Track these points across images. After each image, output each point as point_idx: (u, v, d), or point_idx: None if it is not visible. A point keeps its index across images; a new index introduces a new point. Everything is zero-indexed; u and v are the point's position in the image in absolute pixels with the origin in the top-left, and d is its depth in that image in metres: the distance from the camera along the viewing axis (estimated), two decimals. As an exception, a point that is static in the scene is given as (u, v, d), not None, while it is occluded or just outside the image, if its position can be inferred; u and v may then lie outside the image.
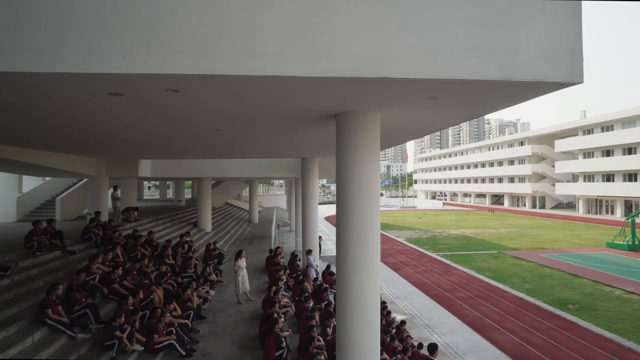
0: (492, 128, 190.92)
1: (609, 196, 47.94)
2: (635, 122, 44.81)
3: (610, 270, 19.88)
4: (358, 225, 6.04)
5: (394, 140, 10.74)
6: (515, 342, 11.46)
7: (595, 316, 13.55)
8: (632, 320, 13.10)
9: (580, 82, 4.51)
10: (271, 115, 6.32)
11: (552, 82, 4.45)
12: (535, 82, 4.42)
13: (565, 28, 4.35)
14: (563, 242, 29.24)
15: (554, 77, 4.41)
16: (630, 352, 10.74)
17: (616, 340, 11.51)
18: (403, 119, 6.86)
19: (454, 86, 4.55)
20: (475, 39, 4.18)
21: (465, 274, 19.85)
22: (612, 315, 13.56)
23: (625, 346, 11.11)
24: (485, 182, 73.49)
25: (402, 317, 13.59)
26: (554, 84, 4.51)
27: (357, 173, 6.06)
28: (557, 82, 4.45)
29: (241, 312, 9.56)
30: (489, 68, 4.25)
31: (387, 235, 34.82)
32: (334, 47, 3.98)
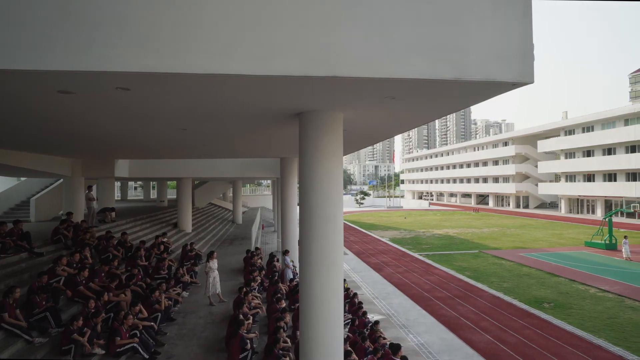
0: (478, 128, 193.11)
1: (590, 196, 48.84)
2: (614, 123, 45.74)
3: (586, 269, 20.22)
4: (320, 226, 6.00)
5: (365, 141, 10.76)
6: (489, 341, 11.57)
7: (569, 314, 13.76)
8: (603, 318, 13.33)
9: (531, 82, 4.54)
10: (234, 115, 6.25)
11: (504, 82, 4.48)
12: (487, 82, 4.44)
13: (516, 28, 4.37)
14: (543, 242, 29.67)
15: (505, 77, 4.42)
16: (599, 350, 10.92)
17: (587, 338, 11.69)
18: (367, 119, 6.85)
19: (406, 86, 4.54)
20: (426, 38, 4.17)
21: (446, 273, 19.99)
22: (585, 314, 13.78)
23: (595, 344, 11.29)
24: (471, 182, 74.30)
25: (379, 317, 13.62)
26: (506, 84, 4.53)
27: (320, 173, 6.02)
28: (509, 82, 4.48)
29: (212, 314, 9.44)
30: (440, 67, 4.24)
31: (371, 236, 34.93)
32: (283, 46, 3.93)
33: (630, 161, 42.43)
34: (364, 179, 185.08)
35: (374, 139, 10.11)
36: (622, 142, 43.88)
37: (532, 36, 4.48)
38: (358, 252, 26.68)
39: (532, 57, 4.51)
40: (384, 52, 4.09)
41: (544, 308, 14.47)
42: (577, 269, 20.38)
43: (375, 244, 30.35)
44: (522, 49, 4.39)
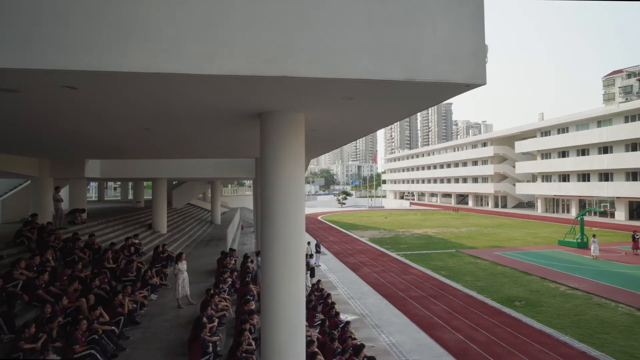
0: (459, 129, 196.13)
1: (565, 196, 50.10)
2: (587, 125, 47.05)
3: (558, 267, 20.71)
4: (281, 227, 5.94)
5: (336, 142, 10.76)
6: (459, 340, 11.70)
7: (539, 312, 14.04)
8: (571, 315, 13.65)
9: (483, 84, 4.57)
10: (194, 114, 6.13)
11: (457, 84, 4.50)
12: (441, 83, 4.46)
13: (468, 30, 4.39)
14: (519, 241, 30.28)
15: (458, 79, 4.44)
16: (565, 347, 11.16)
17: (554, 335, 11.94)
18: (332, 120, 6.83)
19: (360, 86, 4.52)
20: (378, 38, 4.15)
21: (422, 273, 20.19)
22: (554, 311, 14.08)
23: (561, 341, 11.54)
24: (451, 182, 75.37)
25: (353, 317, 13.63)
26: (459, 85, 4.55)
27: (280, 174, 5.96)
28: (462, 83, 4.50)
29: (179, 317, 9.27)
30: (392, 68, 4.23)
31: (351, 236, 35.05)
32: (231, 45, 3.85)
33: (603, 162, 43.71)
34: (347, 179, 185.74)
35: (344, 139, 10.11)
36: (595, 143, 45.16)
37: (484, 37, 4.51)
38: (337, 252, 26.72)
39: (485, 58, 4.55)
40: (335, 52, 4.06)
41: (515, 306, 14.73)
42: (550, 267, 20.85)
43: (355, 243, 30.45)
44: (474, 50, 4.41)
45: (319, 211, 65.50)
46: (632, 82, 70.30)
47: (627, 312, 13.73)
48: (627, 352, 10.66)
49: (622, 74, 74.82)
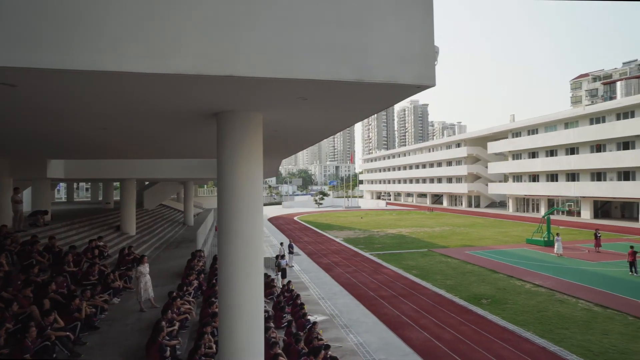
0: (435, 130, 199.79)
1: (534, 195, 51.70)
2: (556, 127, 48.70)
3: (525, 265, 21.33)
4: (238, 229, 5.87)
5: (302, 143, 10.73)
6: (426, 338, 11.88)
7: (504, 309, 14.41)
8: (534, 312, 14.07)
9: (432, 85, 4.63)
10: (151, 114, 5.99)
11: (407, 85, 4.55)
12: (391, 84, 4.49)
13: (418, 31, 4.43)
14: (489, 240, 31.03)
15: (408, 80, 4.49)
16: (527, 343, 11.49)
17: (517, 332, 12.28)
18: (291, 120, 6.80)
19: (311, 87, 4.51)
20: (328, 38, 4.14)
21: (394, 272, 20.42)
22: (518, 308, 14.49)
23: (523, 337, 11.88)
24: (426, 182, 76.60)
25: (322, 317, 13.66)
26: (409, 86, 4.61)
27: (237, 175, 5.89)
28: (412, 84, 4.56)
29: (140, 321, 9.05)
30: (342, 68, 4.24)
31: (326, 236, 35.13)
32: (177, 43, 3.77)
33: (570, 162, 45.35)
34: (325, 179, 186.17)
35: (311, 139, 10.08)
36: (563, 145, 46.80)
37: (433, 39, 4.58)
38: (310, 252, 26.72)
39: (434, 60, 4.62)
40: (284, 52, 4.03)
41: (481, 304, 15.08)
42: (517, 265, 21.44)
43: (329, 244, 30.53)
44: (423, 52, 4.46)
45: (296, 211, 65.39)
46: (597, 86, 73.24)
47: (586, 308, 14.27)
48: (584, 346, 11.08)
49: (589, 77, 77.84)
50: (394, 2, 4.39)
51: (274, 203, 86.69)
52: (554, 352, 10.79)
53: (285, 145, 11.52)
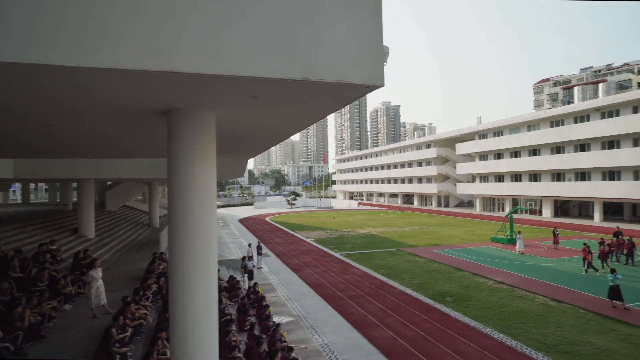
0: (407, 131, 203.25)
1: (500, 195, 53.40)
2: (519, 129, 50.47)
3: (488, 263, 21.93)
4: (189, 231, 5.68)
5: (265, 142, 10.57)
6: (390, 337, 11.97)
7: (467, 306, 14.72)
8: (495, 308, 14.45)
9: (381, 85, 4.61)
10: (96, 111, 5.70)
11: (356, 85, 4.51)
12: (340, 84, 4.44)
13: (367, 30, 4.39)
14: (456, 238, 31.76)
15: (357, 79, 4.44)
16: (487, 338, 11.77)
17: (478, 328, 12.56)
18: (247, 119, 6.65)
19: (261, 85, 4.39)
20: (276, 35, 4.03)
21: (362, 272, 20.52)
22: (480, 305, 14.84)
23: (484, 333, 12.17)
24: (398, 182, 77.76)
25: (289, 319, 13.54)
26: (359, 86, 4.57)
27: (188, 176, 5.69)
28: (361, 84, 4.52)
29: (92, 328, 8.64)
30: (290, 67, 4.14)
31: (296, 236, 34.98)
32: (113, 36, 3.55)
33: (532, 163, 47.12)
34: (298, 179, 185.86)
35: (273, 139, 9.93)
36: (526, 146, 48.58)
37: (382, 38, 4.56)
38: (280, 253, 26.52)
39: (383, 60, 4.60)
40: (229, 48, 3.89)
41: (445, 302, 15.35)
42: (481, 263, 22.02)
43: (300, 244, 30.41)
44: (372, 51, 4.44)
45: (268, 212, 64.87)
46: (558, 90, 76.51)
47: (542, 303, 14.79)
48: (538, 339, 11.46)
49: (550, 82, 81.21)
50: (342, 2, 4.35)
51: (246, 204, 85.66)
52: (511, 346, 11.10)
53: (247, 145, 11.31)
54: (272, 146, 11.61)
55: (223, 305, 11.32)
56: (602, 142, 40.17)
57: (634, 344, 11.13)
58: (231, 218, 54.08)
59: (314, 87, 4.51)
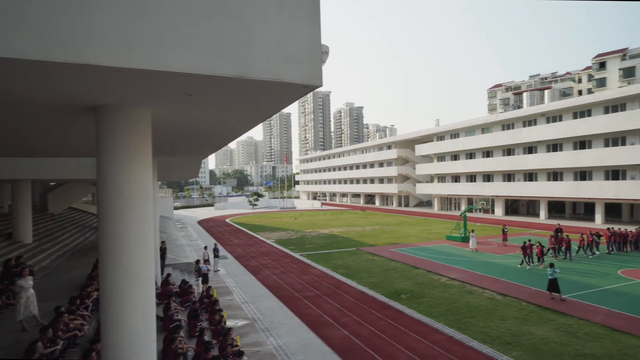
0: (370, 132, 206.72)
1: (456, 195, 55.38)
2: (474, 132, 52.57)
3: (443, 260, 22.62)
4: (121, 239, 5.36)
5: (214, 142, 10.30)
6: (345, 336, 12.02)
7: (420, 303, 15.08)
8: (447, 303, 14.90)
9: (319, 85, 4.55)
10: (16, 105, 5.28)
11: (293, 84, 4.43)
12: (276, 82, 4.34)
13: (304, 28, 4.32)
14: (414, 237, 32.55)
15: (294, 78, 4.36)
16: (437, 333, 12.10)
17: (429, 324, 12.89)
18: (188, 119, 6.42)
19: (188, 81, 4.21)
20: (203, 29, 3.87)
21: (321, 272, 20.54)
22: (432, 301, 15.25)
23: (434, 328, 12.50)
24: (360, 182, 78.83)
25: (243, 322, 13.30)
26: (296, 85, 4.49)
27: (119, 177, 5.38)
28: (299, 83, 4.45)
29: (20, 342, 8.01)
30: (221, 63, 3.99)
31: (257, 238, 34.56)
32: (14, 25, 3.28)
33: (485, 165, 49.20)
34: (261, 179, 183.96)
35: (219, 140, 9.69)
36: (480, 148, 50.68)
37: (320, 37, 4.50)
38: (239, 255, 26.07)
39: (320, 59, 4.54)
40: (149, 41, 3.70)
41: (400, 299, 15.64)
42: (436, 260, 22.67)
43: (259, 246, 30.04)
44: (309, 50, 4.37)
45: (229, 213, 63.71)
46: (509, 95, 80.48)
47: (490, 297, 15.43)
48: (484, 332, 11.95)
49: (502, 87, 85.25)
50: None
51: (206, 205, 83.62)
52: (459, 340, 11.47)
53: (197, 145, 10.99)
54: (223, 145, 11.34)
55: (172, 312, 10.92)
56: (547, 145, 42.61)
57: (566, 332, 11.85)
58: (190, 220, 52.61)
59: (249, 85, 4.39)
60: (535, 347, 10.91)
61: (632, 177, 35.30)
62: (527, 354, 10.53)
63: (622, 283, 17.07)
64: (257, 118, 6.58)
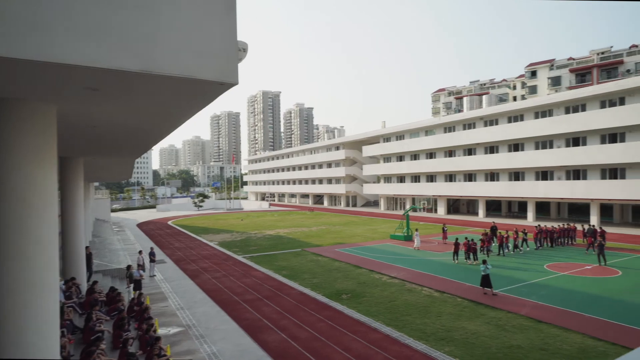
0: (320, 133, 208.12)
1: (402, 195, 57.20)
2: (418, 134, 54.60)
3: (385, 259, 23.13)
4: (16, 242, 4.83)
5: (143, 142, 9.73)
6: (282, 340, 11.81)
7: (360, 303, 15.23)
8: (386, 302, 15.18)
9: (235, 83, 4.32)
10: None
11: (206, 81, 4.18)
12: (188, 79, 4.06)
13: (217, 23, 4.03)
14: (360, 237, 33.07)
15: (206, 75, 4.09)
16: (375, 332, 12.23)
17: (368, 323, 13.00)
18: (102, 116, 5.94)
19: (89, 74, 3.81)
20: (102, 20, 3.48)
21: (263, 274, 20.18)
22: (373, 300, 15.46)
23: (372, 327, 12.64)
24: (309, 183, 79.05)
25: (177, 329, 12.67)
26: (210, 82, 4.23)
27: (16, 177, 4.84)
28: (212, 80, 4.20)
29: None
30: (123, 56, 3.66)
31: (199, 240, 33.40)
32: None
33: (429, 165, 51.28)
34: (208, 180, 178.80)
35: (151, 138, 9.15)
36: (424, 150, 52.73)
37: (235, 33, 4.27)
38: (178, 259, 24.99)
39: (237, 56, 4.34)
40: (42, 31, 3.29)
41: (341, 299, 15.72)
42: (379, 259, 23.13)
43: (201, 248, 29.03)
44: (225, 47, 4.12)
45: (172, 215, 61.17)
46: (452, 99, 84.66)
47: (428, 294, 15.96)
48: (420, 329, 12.26)
49: (445, 92, 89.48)
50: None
51: (148, 207, 79.68)
52: (396, 338, 11.68)
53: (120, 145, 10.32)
54: (152, 145, 10.73)
55: (93, 322, 10.12)
56: (485, 147, 45.24)
57: (496, 325, 12.50)
58: (129, 222, 49.82)
59: (158, 81, 4.09)
60: (467, 342, 11.38)
61: (558, 178, 38.43)
62: (459, 349, 10.94)
63: (548, 276, 18.39)
64: (179, 116, 6.22)
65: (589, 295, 15.43)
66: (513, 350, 10.79)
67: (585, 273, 18.91)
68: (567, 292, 15.84)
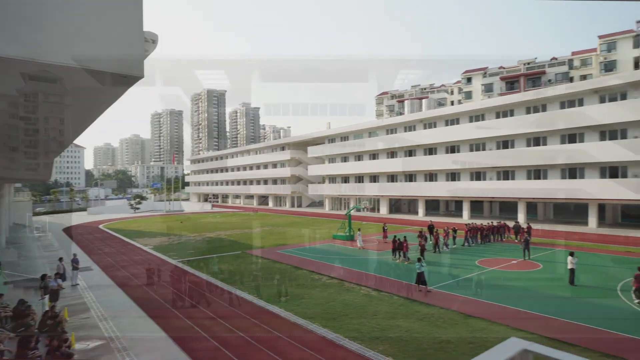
0: (267, 133, 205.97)
1: (346, 195, 57.98)
2: (362, 135, 55.66)
3: (326, 260, 23.12)
4: None
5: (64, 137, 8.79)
6: (214, 348, 11.22)
7: (298, 305, 14.95)
8: (324, 303, 15.05)
9: (140, 76, 3.88)
10: None
11: (106, 72, 3.71)
12: (85, 70, 3.57)
13: (122, 12, 3.64)
14: (303, 237, 32.90)
15: (105, 67, 3.63)
16: (311, 334, 12.01)
17: (304, 325, 12.77)
18: None
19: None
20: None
21: (200, 279, 19.25)
22: (311, 302, 15.26)
23: (309, 329, 12.43)
24: (254, 183, 77.78)
25: (96, 343, 11.63)
26: (113, 75, 3.77)
27: None
28: (114, 72, 3.73)
29: None
30: (6, 44, 3.13)
31: (132, 245, 31.39)
32: None
33: (372, 166, 52.45)
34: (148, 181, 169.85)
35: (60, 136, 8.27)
36: (367, 151, 53.83)
37: (142, 24, 3.83)
38: (107, 265, 23.21)
39: (142, 47, 3.91)
40: None
41: (280, 302, 15.37)
42: (320, 260, 23.05)
43: (134, 253, 27.25)
44: (128, 37, 3.68)
45: (105, 218, 57.12)
46: (394, 102, 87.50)
47: (365, 294, 16.08)
48: (356, 329, 12.24)
49: (388, 95, 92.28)
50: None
51: (78, 209, 73.83)
52: (331, 340, 11.54)
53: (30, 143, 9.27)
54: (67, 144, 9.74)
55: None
56: (425, 148, 47.12)
57: (429, 322, 12.83)
58: (55, 227, 45.75)
59: (49, 70, 3.54)
60: (401, 339, 11.52)
61: (490, 178, 40.93)
62: (393, 347, 11.03)
63: (478, 272, 19.35)
64: (90, 112, 5.60)
65: (513, 288, 16.43)
66: (443, 345, 11.09)
67: (512, 267, 20.17)
68: (494, 287, 16.75)
